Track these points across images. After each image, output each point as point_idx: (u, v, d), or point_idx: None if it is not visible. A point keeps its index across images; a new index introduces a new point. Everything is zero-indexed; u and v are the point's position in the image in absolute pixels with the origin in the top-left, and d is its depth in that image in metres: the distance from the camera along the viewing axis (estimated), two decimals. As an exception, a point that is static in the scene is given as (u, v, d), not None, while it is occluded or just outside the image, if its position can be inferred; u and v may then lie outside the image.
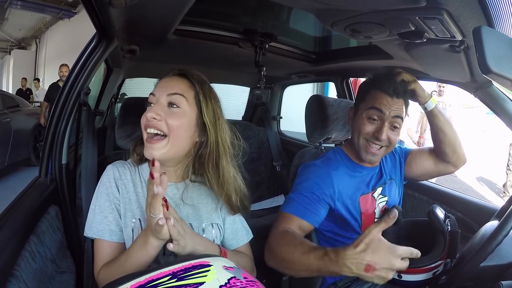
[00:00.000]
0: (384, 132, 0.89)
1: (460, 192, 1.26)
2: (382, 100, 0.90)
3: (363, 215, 0.95)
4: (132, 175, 0.75)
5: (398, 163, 1.08)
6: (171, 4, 0.81)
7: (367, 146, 0.93)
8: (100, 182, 0.73)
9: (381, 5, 0.64)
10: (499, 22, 0.59)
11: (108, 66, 1.72)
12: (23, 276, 0.65)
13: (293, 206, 0.89)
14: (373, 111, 0.91)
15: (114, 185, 0.72)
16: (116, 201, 0.71)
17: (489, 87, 0.98)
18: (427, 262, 0.83)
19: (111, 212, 0.70)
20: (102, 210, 0.70)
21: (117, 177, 0.73)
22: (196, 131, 0.71)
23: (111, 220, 0.70)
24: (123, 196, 0.72)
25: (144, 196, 0.72)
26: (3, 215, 0.75)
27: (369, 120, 0.92)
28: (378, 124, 0.91)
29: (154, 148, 0.67)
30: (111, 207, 0.70)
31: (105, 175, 0.73)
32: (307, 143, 1.73)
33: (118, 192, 0.72)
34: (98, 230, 0.69)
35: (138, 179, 0.75)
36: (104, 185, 0.72)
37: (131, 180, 0.74)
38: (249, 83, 2.27)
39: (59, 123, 0.97)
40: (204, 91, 0.71)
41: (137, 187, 0.74)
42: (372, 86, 0.94)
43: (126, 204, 0.71)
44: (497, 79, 0.62)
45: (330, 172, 0.93)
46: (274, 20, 1.32)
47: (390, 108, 0.90)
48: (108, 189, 0.71)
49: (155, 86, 0.72)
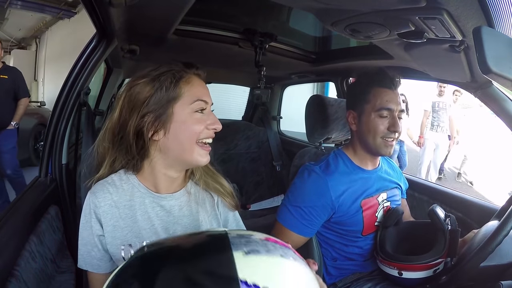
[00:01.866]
0: (398, 124, 0.91)
1: (460, 192, 1.26)
2: (387, 97, 0.92)
3: (364, 218, 0.95)
4: (116, 195, 0.66)
5: (402, 178, 1.12)
6: (171, 4, 0.81)
7: (386, 142, 0.93)
8: (82, 212, 0.66)
9: (381, 5, 0.64)
10: (499, 22, 0.59)
11: (108, 66, 1.72)
12: (23, 276, 0.65)
13: (290, 221, 0.93)
14: (383, 111, 0.92)
15: (94, 217, 0.65)
16: (98, 232, 0.65)
17: (489, 87, 0.98)
18: (428, 259, 0.84)
19: (95, 246, 0.65)
20: (85, 244, 0.66)
21: (94, 207, 0.64)
22: None
23: (96, 253, 0.65)
24: (106, 224, 0.65)
25: (135, 216, 0.66)
26: (3, 215, 0.75)
27: (380, 120, 0.92)
28: (390, 119, 0.92)
29: (208, 155, 0.66)
30: (93, 241, 0.65)
31: (85, 204, 0.66)
32: (307, 143, 1.73)
33: (99, 223, 0.65)
34: (86, 263, 0.66)
35: (126, 197, 0.66)
36: (84, 217, 0.66)
37: (114, 203, 0.65)
38: (249, 83, 2.27)
39: (59, 123, 0.97)
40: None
41: (123, 208, 0.65)
42: (372, 84, 0.94)
43: (112, 232, 0.65)
44: (497, 79, 0.63)
45: (328, 182, 0.93)
46: (274, 20, 1.32)
47: (395, 103, 0.92)
48: (88, 222, 0.65)
49: (201, 91, 0.65)
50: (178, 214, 0.68)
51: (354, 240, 0.98)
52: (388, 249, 0.92)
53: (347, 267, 1.01)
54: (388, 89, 0.92)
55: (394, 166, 1.12)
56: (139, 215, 0.66)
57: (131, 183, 0.67)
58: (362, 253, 1.00)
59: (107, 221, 0.64)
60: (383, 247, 0.93)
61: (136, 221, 0.65)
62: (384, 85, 0.92)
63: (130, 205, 0.66)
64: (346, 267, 1.01)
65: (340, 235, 0.98)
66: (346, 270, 1.01)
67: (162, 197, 0.68)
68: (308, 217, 0.92)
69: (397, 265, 0.88)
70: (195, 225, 0.69)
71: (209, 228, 0.62)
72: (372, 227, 0.98)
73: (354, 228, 0.96)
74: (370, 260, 1.01)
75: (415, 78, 1.28)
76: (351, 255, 1.00)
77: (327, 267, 1.01)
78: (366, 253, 1.00)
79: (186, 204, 0.70)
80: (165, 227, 0.67)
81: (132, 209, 0.66)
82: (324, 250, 1.01)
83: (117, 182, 0.67)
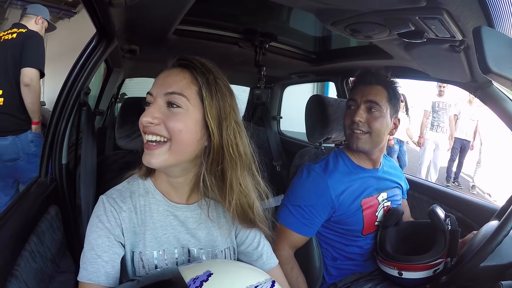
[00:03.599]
0: (358, 113, 0.92)
1: (460, 192, 1.26)
2: (356, 90, 0.96)
3: (364, 218, 0.95)
4: (134, 200, 0.64)
5: (403, 177, 1.12)
6: (171, 4, 0.80)
7: (352, 134, 0.95)
8: (96, 218, 0.61)
9: (381, 5, 0.63)
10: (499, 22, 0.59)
11: (108, 66, 1.72)
12: (23, 276, 0.65)
13: (290, 221, 0.94)
14: (349, 102, 0.97)
15: (114, 222, 0.60)
16: (117, 238, 0.60)
17: (489, 87, 0.98)
18: (428, 259, 0.84)
19: (104, 252, 0.59)
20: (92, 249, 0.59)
21: (113, 211, 0.61)
22: (204, 134, 0.59)
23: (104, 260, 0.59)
24: (126, 231, 0.61)
25: (149, 222, 0.63)
26: (3, 215, 0.75)
27: (348, 111, 0.97)
28: (353, 110, 0.95)
29: (153, 155, 0.57)
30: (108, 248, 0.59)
31: (100, 209, 0.61)
32: (307, 143, 1.73)
33: (119, 229, 0.61)
34: (88, 272, 0.58)
35: (141, 203, 0.64)
36: (101, 223, 0.60)
37: (133, 208, 0.63)
38: (249, 83, 2.27)
39: (59, 123, 0.97)
40: (209, 84, 0.59)
41: (140, 214, 0.63)
42: (354, 82, 1.00)
43: (130, 239, 0.62)
44: (497, 79, 0.62)
45: (328, 181, 0.93)
46: (274, 20, 1.31)
47: (362, 94, 0.94)
48: (104, 229, 0.60)
49: (153, 83, 0.61)
50: (192, 227, 0.66)
51: (354, 240, 0.98)
52: (388, 249, 0.92)
53: (347, 267, 1.01)
54: (362, 84, 0.95)
55: (396, 166, 1.12)
56: (154, 223, 0.63)
57: (146, 188, 0.65)
58: (362, 253, 1.00)
59: (127, 227, 0.61)
60: (383, 247, 0.93)
61: (150, 228, 0.63)
62: (360, 82, 0.96)
63: (146, 211, 0.63)
64: (346, 267, 1.01)
65: (340, 234, 0.98)
66: (346, 270, 1.01)
67: (177, 207, 0.65)
68: (308, 217, 0.92)
69: (397, 265, 0.88)
70: (209, 239, 0.67)
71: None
72: (372, 226, 0.98)
73: (354, 228, 0.96)
74: (370, 260, 1.01)
75: (415, 78, 1.28)
76: (351, 255, 1.00)
77: (327, 267, 1.01)
78: (366, 252, 1.00)
79: (202, 217, 0.66)
80: (177, 237, 0.65)
81: (149, 216, 0.63)
82: (324, 250, 1.01)
83: (133, 188, 0.65)
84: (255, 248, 0.72)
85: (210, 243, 0.67)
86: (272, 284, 0.50)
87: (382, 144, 0.97)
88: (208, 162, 0.60)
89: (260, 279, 0.50)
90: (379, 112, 0.92)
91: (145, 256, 0.62)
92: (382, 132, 0.93)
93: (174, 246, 0.64)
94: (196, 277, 0.46)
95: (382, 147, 0.98)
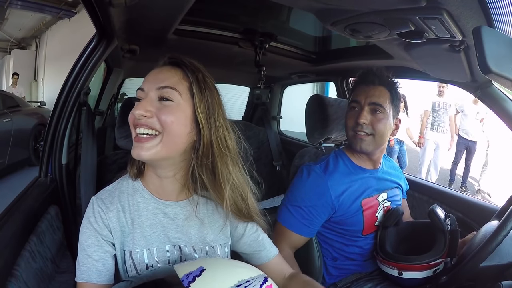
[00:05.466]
0: (363, 115, 0.91)
1: (460, 192, 1.26)
2: (359, 91, 0.95)
3: (365, 218, 0.95)
4: (122, 200, 0.64)
5: (403, 178, 1.11)
6: (171, 4, 0.81)
7: (355, 135, 0.94)
8: (88, 219, 0.62)
9: (381, 5, 0.64)
10: (499, 22, 0.59)
11: (108, 66, 1.72)
12: (23, 276, 0.65)
13: (290, 221, 0.93)
14: (352, 103, 0.96)
15: (101, 223, 0.61)
16: (106, 239, 0.62)
17: (489, 87, 0.98)
18: (428, 259, 0.84)
19: (94, 251, 0.60)
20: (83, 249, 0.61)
21: (100, 211, 0.62)
22: (194, 128, 0.61)
23: (96, 259, 0.60)
24: (115, 230, 0.62)
25: (136, 223, 0.63)
26: (3, 215, 0.75)
27: (350, 112, 0.96)
28: (357, 111, 0.94)
29: (143, 148, 0.57)
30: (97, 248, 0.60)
31: (90, 209, 0.63)
32: (307, 143, 1.73)
33: (107, 229, 0.62)
34: (82, 272, 0.60)
35: (131, 202, 0.65)
36: (89, 224, 0.62)
37: (121, 208, 0.64)
38: (249, 83, 2.27)
39: (59, 123, 0.97)
40: (199, 81, 0.61)
41: (129, 214, 0.64)
42: (355, 83, 0.99)
43: (119, 238, 0.63)
44: (497, 79, 0.62)
45: (328, 182, 0.93)
46: (274, 20, 1.32)
47: (366, 95, 0.93)
48: (92, 230, 0.61)
49: (144, 80, 0.62)
50: (183, 224, 0.66)
51: (355, 240, 0.98)
52: (388, 249, 0.92)
53: (347, 267, 1.01)
54: (365, 85, 0.94)
55: (395, 166, 1.12)
56: (142, 221, 0.64)
57: (135, 187, 0.66)
58: (363, 253, 1.00)
59: (115, 226, 0.62)
60: (383, 247, 0.93)
61: (139, 227, 0.63)
62: (362, 82, 0.95)
63: (134, 210, 0.64)
64: (346, 267, 1.01)
65: (340, 234, 0.98)
66: (346, 270, 1.01)
67: (166, 204, 0.65)
68: (308, 217, 0.92)
69: (397, 265, 0.88)
70: (200, 236, 0.67)
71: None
72: (373, 226, 0.98)
73: (355, 228, 0.96)
74: (370, 260, 1.01)
75: (415, 78, 1.28)
76: (351, 255, 1.00)
77: (327, 267, 1.01)
78: (366, 253, 1.00)
79: (192, 214, 0.66)
80: (167, 235, 0.65)
81: (137, 215, 0.64)
82: (324, 250, 1.01)
83: (122, 187, 0.66)
84: (256, 238, 0.72)
85: (201, 240, 0.67)
86: (264, 279, 0.51)
87: (384, 145, 0.97)
88: (198, 155, 0.61)
89: (252, 274, 0.51)
90: (383, 114, 0.92)
91: (135, 255, 0.62)
92: (385, 133, 0.93)
93: (165, 244, 0.64)
94: (189, 272, 0.48)
95: (383, 147, 0.98)
